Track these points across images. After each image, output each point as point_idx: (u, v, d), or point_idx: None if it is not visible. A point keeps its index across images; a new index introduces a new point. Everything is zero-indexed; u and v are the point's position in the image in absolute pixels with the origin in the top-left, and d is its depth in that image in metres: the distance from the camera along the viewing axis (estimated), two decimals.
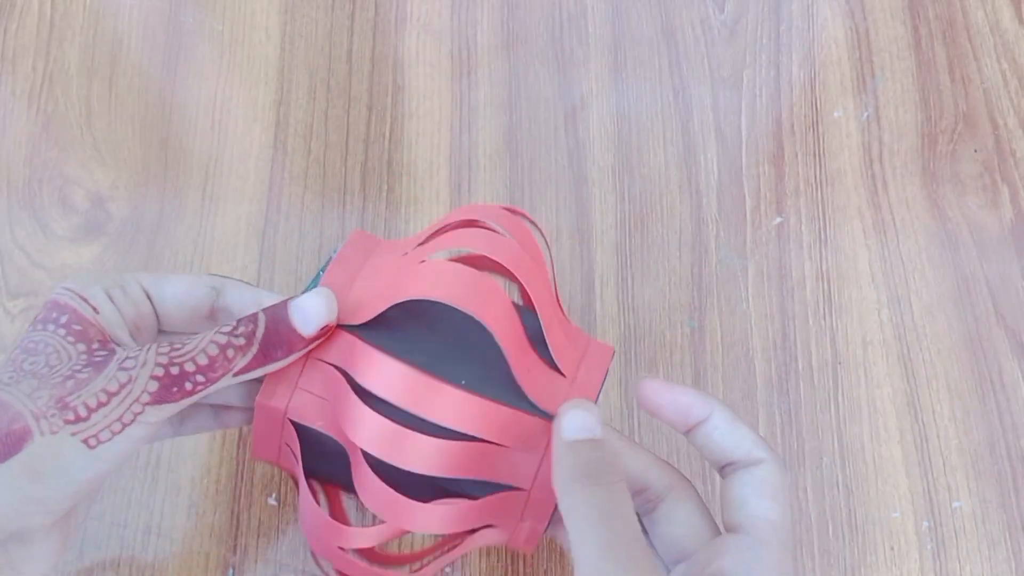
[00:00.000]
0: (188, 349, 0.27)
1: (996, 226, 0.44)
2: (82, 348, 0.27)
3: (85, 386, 0.25)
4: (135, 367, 0.26)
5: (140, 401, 0.26)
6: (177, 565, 0.37)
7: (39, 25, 0.46)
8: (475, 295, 0.28)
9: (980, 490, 0.40)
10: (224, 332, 0.27)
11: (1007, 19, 0.48)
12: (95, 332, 0.27)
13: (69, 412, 0.25)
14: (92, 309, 0.27)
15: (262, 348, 0.27)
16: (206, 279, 0.30)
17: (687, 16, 0.48)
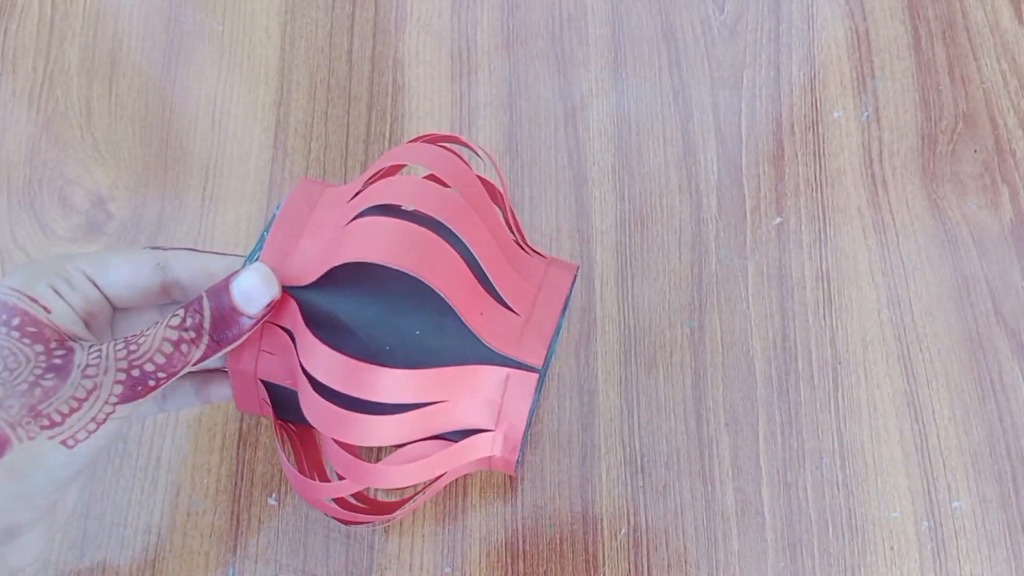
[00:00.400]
0: (144, 350, 0.27)
1: (996, 226, 0.44)
2: (39, 349, 0.26)
3: (54, 394, 0.26)
4: (97, 374, 0.27)
5: (109, 402, 0.27)
6: (177, 565, 0.37)
7: (39, 25, 0.46)
8: (411, 253, 0.28)
9: (980, 490, 0.40)
10: (174, 327, 0.27)
11: (1007, 19, 0.48)
12: (50, 332, 0.27)
13: (44, 419, 0.26)
14: (43, 310, 0.27)
15: (212, 336, 0.28)
16: (148, 256, 0.30)
17: (687, 16, 0.48)
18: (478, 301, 0.30)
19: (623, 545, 0.38)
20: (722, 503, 0.39)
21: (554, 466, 0.39)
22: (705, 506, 0.39)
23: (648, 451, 0.40)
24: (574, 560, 0.38)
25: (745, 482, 0.39)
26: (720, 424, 0.40)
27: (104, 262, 0.29)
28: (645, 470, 0.39)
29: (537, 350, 0.30)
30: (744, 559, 0.38)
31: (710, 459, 0.40)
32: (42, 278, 0.28)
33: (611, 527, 0.39)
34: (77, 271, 0.29)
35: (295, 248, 0.30)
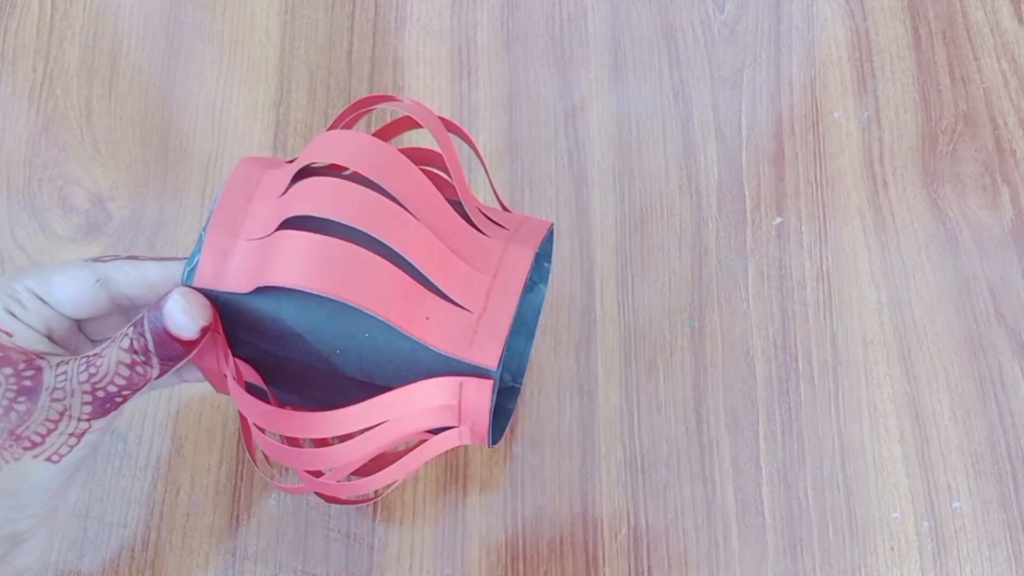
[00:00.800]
0: (103, 372, 0.28)
1: (996, 226, 0.44)
2: (8, 372, 0.27)
3: (29, 418, 0.27)
4: (65, 396, 0.27)
5: (83, 419, 0.28)
6: (177, 565, 0.37)
7: (39, 25, 0.46)
8: (330, 275, 0.27)
9: (980, 490, 0.40)
10: (124, 349, 0.28)
11: (1007, 19, 0.48)
12: (16, 355, 0.27)
13: (25, 441, 0.27)
14: (5, 335, 0.27)
15: (160, 357, 0.28)
16: (88, 272, 0.29)
17: (687, 16, 0.48)
18: (420, 306, 0.28)
19: (623, 545, 0.38)
20: (722, 503, 0.39)
21: (554, 467, 0.39)
22: (705, 506, 0.39)
23: (648, 452, 0.40)
24: (574, 560, 0.38)
25: (745, 482, 0.39)
26: (720, 424, 0.40)
27: (47, 280, 0.29)
28: (645, 471, 0.39)
29: (491, 350, 0.28)
30: (744, 559, 0.38)
31: (710, 459, 0.40)
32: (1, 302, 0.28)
33: (611, 527, 0.38)
34: (26, 291, 0.29)
35: (234, 248, 0.29)
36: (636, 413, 0.40)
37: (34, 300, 0.29)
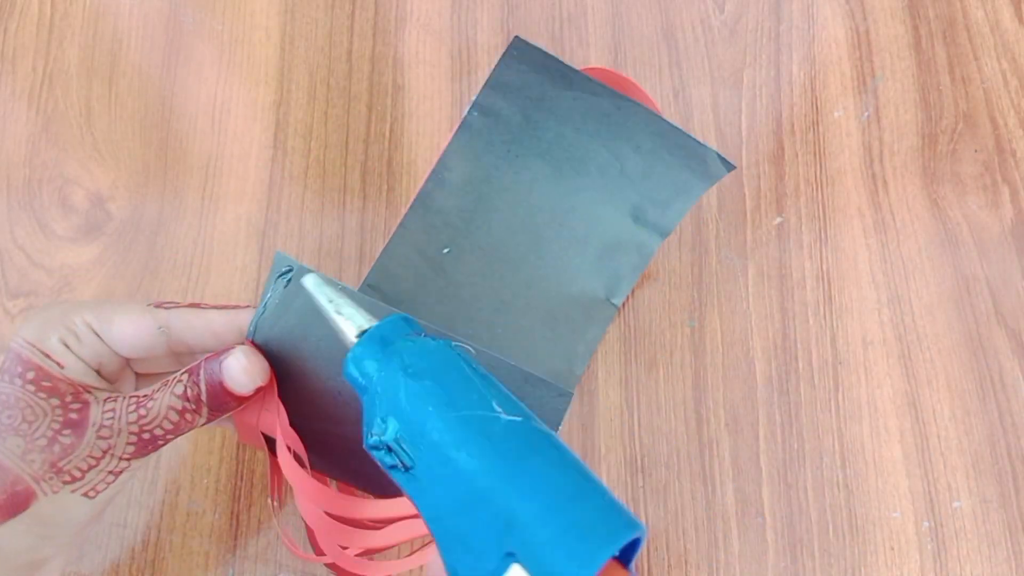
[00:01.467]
0: (153, 415, 0.28)
1: (996, 226, 0.44)
2: (55, 403, 0.27)
3: (72, 452, 0.27)
4: (111, 435, 0.28)
5: (123, 458, 0.28)
6: (177, 565, 0.37)
7: (39, 25, 0.46)
8: None
9: (980, 490, 0.40)
10: (177, 395, 0.28)
11: (1007, 19, 0.48)
12: (65, 386, 0.28)
13: (65, 475, 0.27)
14: (56, 365, 0.28)
15: (210, 408, 0.29)
16: (150, 318, 0.30)
17: (687, 16, 0.48)
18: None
19: None
20: (722, 503, 0.39)
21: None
22: (705, 506, 0.39)
23: (648, 451, 0.40)
24: None
25: (745, 482, 0.39)
26: (720, 424, 0.40)
27: (108, 318, 0.29)
28: (645, 470, 0.39)
29: None
30: (744, 559, 0.38)
31: (710, 459, 0.40)
32: (53, 332, 0.28)
33: None
34: (84, 325, 0.29)
35: None
36: (636, 413, 0.40)
37: (90, 335, 0.29)
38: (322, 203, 0.43)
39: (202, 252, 0.42)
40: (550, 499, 0.17)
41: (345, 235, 0.42)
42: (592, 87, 0.38)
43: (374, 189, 0.44)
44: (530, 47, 0.37)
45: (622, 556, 0.18)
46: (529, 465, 0.18)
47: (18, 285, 0.41)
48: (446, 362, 0.22)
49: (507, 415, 0.20)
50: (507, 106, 0.38)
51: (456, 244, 0.39)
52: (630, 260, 0.40)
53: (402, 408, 0.21)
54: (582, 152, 0.39)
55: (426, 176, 0.39)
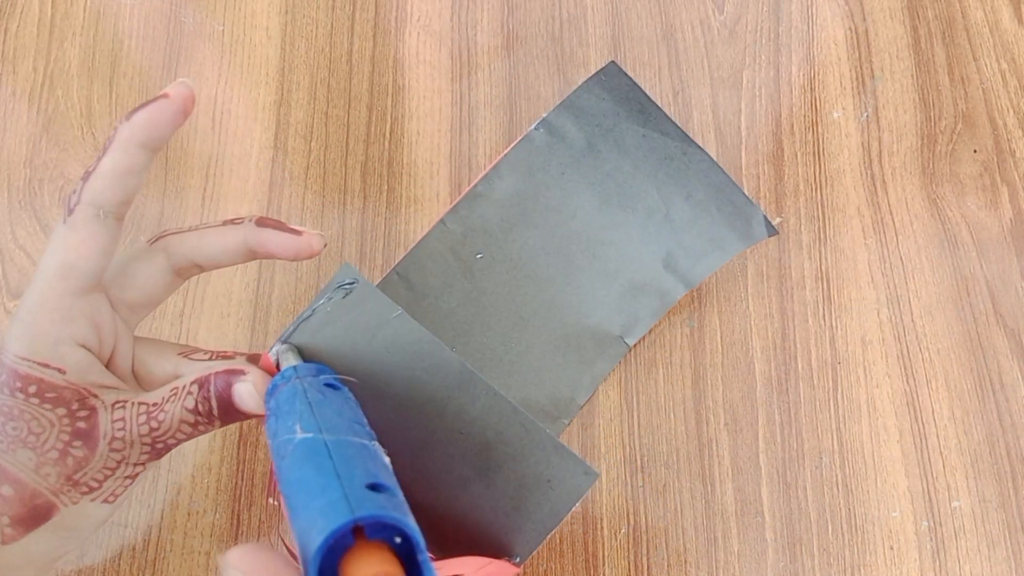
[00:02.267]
0: (166, 428, 0.28)
1: (996, 226, 0.44)
2: (62, 412, 0.27)
3: (86, 465, 0.27)
4: (124, 447, 0.28)
5: (138, 465, 0.28)
6: (177, 565, 0.37)
7: (39, 25, 0.46)
8: None
9: (979, 490, 0.40)
10: (189, 409, 0.28)
11: (1006, 19, 0.48)
12: (70, 393, 0.27)
13: (83, 487, 0.27)
14: (58, 372, 0.27)
15: (222, 420, 0.28)
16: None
17: (687, 16, 0.48)
18: None
19: (623, 545, 0.38)
20: (722, 503, 0.39)
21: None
22: (705, 506, 0.39)
23: (648, 451, 0.40)
24: (574, 560, 0.38)
25: (745, 482, 0.39)
26: (720, 424, 0.40)
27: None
28: (645, 470, 0.40)
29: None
30: (744, 559, 0.38)
31: (710, 459, 0.40)
32: (45, 339, 0.27)
33: (611, 527, 0.39)
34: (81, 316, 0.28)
35: None
36: (636, 412, 0.40)
37: (85, 325, 0.28)
38: (322, 203, 0.43)
39: None
40: (306, 496, 0.21)
41: (345, 235, 0.43)
42: (665, 127, 0.39)
43: (374, 189, 0.44)
44: (622, 74, 0.38)
45: (403, 547, 0.21)
46: (302, 471, 0.22)
47: (19, 285, 0.41)
48: (287, 398, 0.25)
49: (302, 432, 0.23)
50: (575, 130, 0.39)
51: (490, 252, 0.39)
52: (651, 304, 0.40)
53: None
54: (634, 190, 0.40)
55: (477, 178, 0.40)
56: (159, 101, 0.27)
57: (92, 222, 0.27)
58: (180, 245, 0.30)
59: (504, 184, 0.39)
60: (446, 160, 0.44)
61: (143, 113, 0.27)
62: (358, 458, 0.23)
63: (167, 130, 0.27)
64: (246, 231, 0.30)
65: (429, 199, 0.44)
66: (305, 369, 0.27)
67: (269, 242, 0.30)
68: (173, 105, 0.27)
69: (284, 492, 0.23)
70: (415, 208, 0.43)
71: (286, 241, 0.30)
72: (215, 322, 0.41)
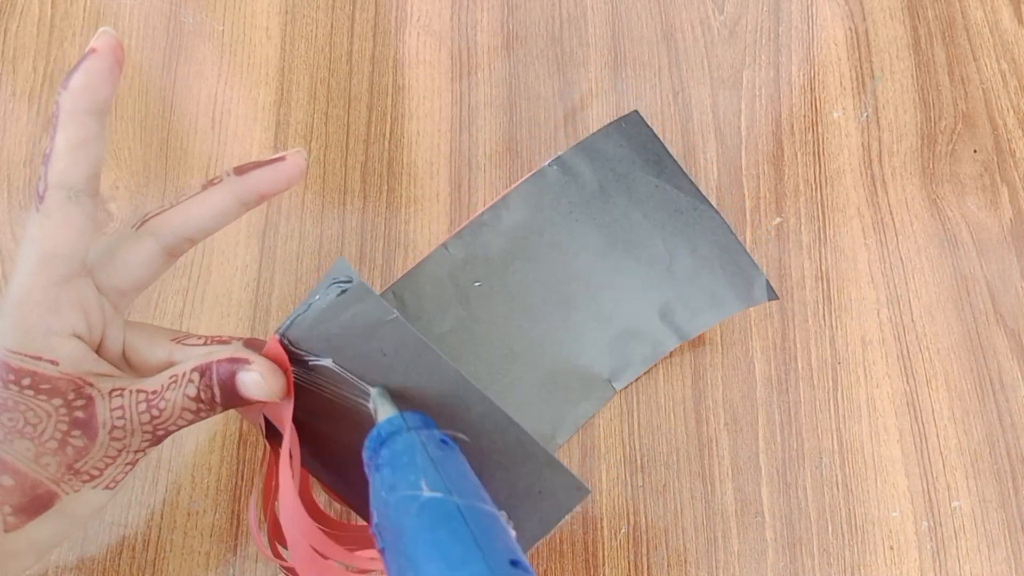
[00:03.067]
0: (167, 415, 0.27)
1: (996, 226, 0.44)
2: (58, 402, 0.26)
3: (86, 455, 0.27)
4: (125, 436, 0.27)
5: (140, 451, 0.28)
6: (177, 565, 0.37)
7: (39, 25, 0.46)
8: None
9: (979, 490, 0.40)
10: (191, 397, 0.27)
11: (1006, 19, 0.48)
12: (65, 384, 0.27)
13: (84, 475, 0.27)
14: (50, 364, 0.27)
15: (224, 406, 0.28)
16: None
17: (687, 16, 0.48)
18: None
19: (623, 544, 0.38)
20: (722, 503, 0.39)
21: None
22: (705, 506, 0.39)
23: (648, 451, 0.40)
24: (574, 560, 0.38)
25: (745, 482, 0.39)
26: (720, 424, 0.40)
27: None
28: (645, 470, 0.40)
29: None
30: (744, 558, 0.38)
31: (710, 459, 0.40)
32: (35, 331, 0.26)
33: (611, 527, 0.39)
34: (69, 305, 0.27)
35: None
36: (636, 412, 0.40)
37: (74, 313, 0.28)
38: (322, 203, 0.43)
39: (202, 252, 0.42)
40: (441, 563, 0.21)
41: (345, 235, 0.43)
42: (680, 181, 0.39)
43: (374, 189, 0.44)
44: (644, 125, 0.39)
45: None
46: (434, 534, 0.22)
47: None
48: (404, 449, 0.25)
49: (429, 491, 0.23)
50: (588, 171, 0.39)
51: (488, 281, 0.39)
52: (643, 351, 0.40)
53: (374, 497, 0.24)
54: (640, 237, 0.40)
55: (484, 207, 0.40)
56: (89, 58, 0.26)
57: (65, 205, 0.26)
58: (168, 224, 0.29)
59: (511, 216, 0.39)
60: (446, 160, 0.44)
61: (78, 77, 0.26)
62: (494, 529, 0.22)
63: (108, 88, 0.26)
64: (232, 185, 0.29)
65: (429, 199, 0.44)
66: (414, 419, 0.26)
67: (259, 183, 0.29)
68: (105, 59, 0.26)
69: (405, 551, 0.22)
70: (415, 208, 0.43)
71: (274, 174, 0.29)
72: (215, 322, 0.41)
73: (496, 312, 0.39)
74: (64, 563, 0.37)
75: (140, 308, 0.41)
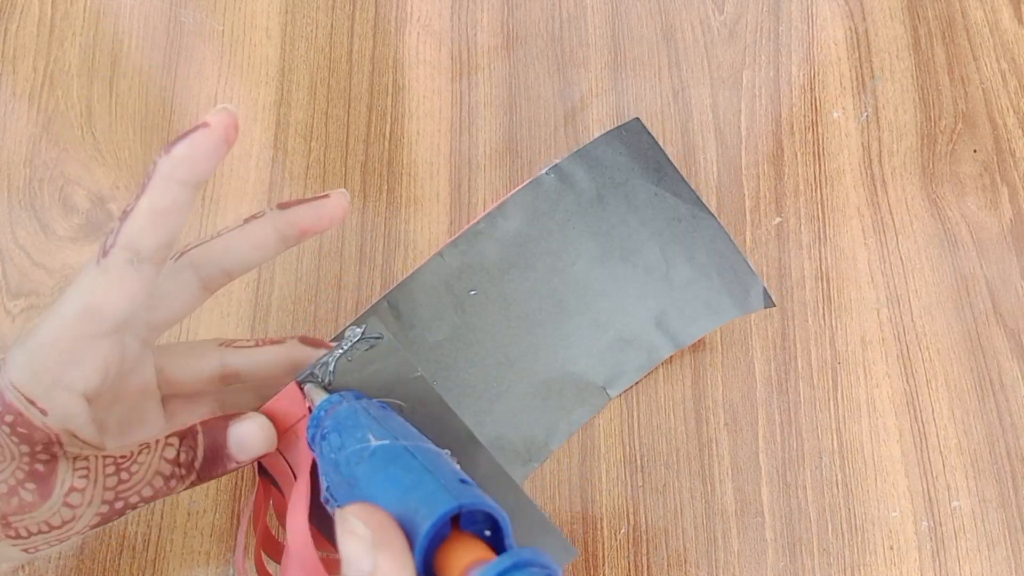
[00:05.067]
0: (135, 481, 0.26)
1: (995, 226, 0.44)
2: (25, 450, 0.25)
3: (30, 511, 0.25)
4: (80, 503, 0.26)
5: (79, 532, 0.26)
6: (177, 565, 0.37)
7: (39, 25, 0.46)
8: None
9: (979, 490, 0.40)
10: (168, 460, 0.27)
11: (1006, 19, 0.48)
12: (39, 435, 0.26)
13: (11, 530, 0.25)
14: (40, 412, 0.26)
15: (200, 474, 0.27)
16: (216, 360, 0.30)
17: (687, 16, 0.48)
18: None
19: (623, 544, 0.38)
20: (722, 503, 0.39)
21: (554, 466, 0.39)
22: (705, 506, 0.39)
23: (648, 451, 0.40)
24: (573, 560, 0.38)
25: (745, 482, 0.39)
26: (720, 424, 0.40)
27: (175, 363, 0.29)
28: (645, 469, 0.40)
29: None
30: (744, 558, 0.38)
31: (710, 459, 0.40)
32: (44, 377, 0.26)
33: (611, 526, 0.39)
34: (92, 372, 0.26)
35: None
36: (636, 412, 0.40)
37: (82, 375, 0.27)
38: None
39: None
40: (398, 491, 0.22)
41: (345, 235, 0.43)
42: (679, 188, 0.39)
43: (374, 189, 0.44)
44: (644, 132, 0.38)
45: (493, 537, 0.22)
46: (386, 471, 0.23)
47: (19, 285, 0.41)
48: (347, 414, 0.26)
49: (376, 440, 0.24)
50: (586, 179, 0.39)
51: (484, 290, 0.39)
52: (638, 359, 0.40)
53: (324, 464, 0.26)
54: (637, 245, 0.40)
55: (480, 215, 0.40)
56: (199, 131, 0.25)
57: (126, 267, 0.25)
58: (208, 256, 0.29)
59: (507, 224, 0.39)
60: (446, 160, 0.44)
61: (182, 147, 0.25)
62: (440, 459, 0.24)
63: (210, 164, 0.25)
64: (273, 220, 0.29)
65: (429, 199, 0.44)
66: (349, 395, 0.27)
67: (302, 220, 0.29)
68: (214, 135, 0.25)
69: (361, 495, 0.23)
70: (415, 208, 0.43)
71: (318, 211, 0.29)
72: (215, 322, 0.41)
73: (491, 321, 0.39)
74: (64, 563, 0.37)
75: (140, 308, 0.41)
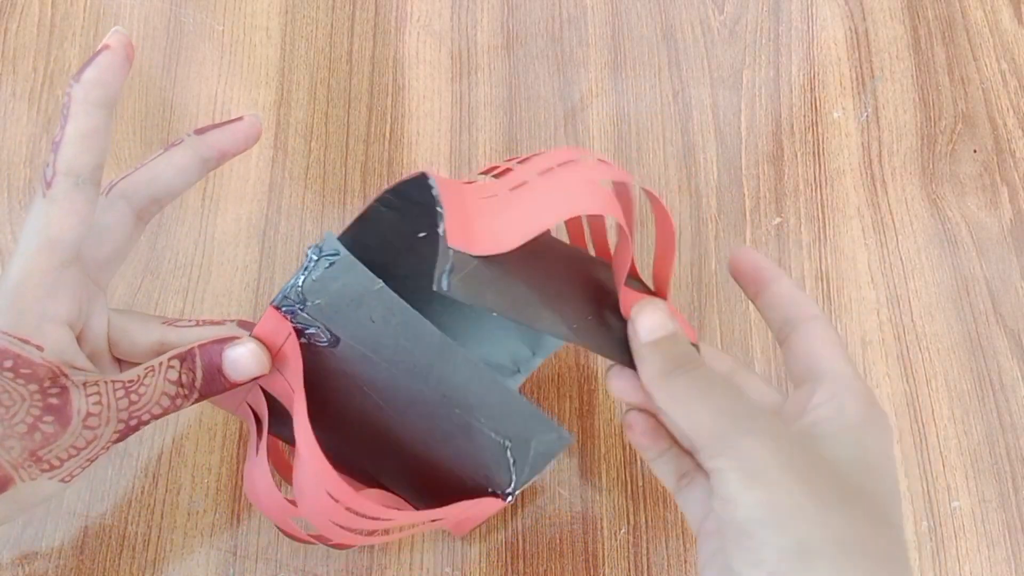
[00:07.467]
0: (144, 401, 0.28)
1: (995, 226, 0.44)
2: (34, 388, 0.27)
3: (54, 441, 0.27)
4: (99, 424, 0.27)
5: (104, 446, 0.28)
6: (177, 565, 0.37)
7: (40, 25, 0.46)
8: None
9: (979, 490, 0.40)
10: (172, 381, 0.28)
11: (1006, 19, 0.48)
12: (43, 371, 0.27)
13: (44, 464, 0.27)
14: (36, 349, 0.27)
15: (202, 392, 0.29)
16: (158, 335, 0.31)
17: (687, 16, 0.48)
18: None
19: (623, 545, 0.38)
20: None
21: (554, 466, 0.39)
22: None
23: None
24: (574, 560, 0.38)
25: None
26: None
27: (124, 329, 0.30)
28: (645, 470, 0.40)
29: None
30: None
31: None
32: (30, 315, 0.27)
33: (611, 527, 0.39)
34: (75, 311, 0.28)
35: (471, 222, 0.27)
36: None
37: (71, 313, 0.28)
38: (322, 203, 0.43)
39: (202, 252, 0.42)
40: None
41: None
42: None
43: (374, 189, 0.44)
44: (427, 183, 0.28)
45: None
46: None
47: None
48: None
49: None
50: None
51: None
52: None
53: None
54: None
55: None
56: (103, 54, 0.27)
57: (71, 192, 0.27)
58: (136, 186, 0.30)
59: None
60: (446, 160, 0.44)
61: (91, 71, 0.27)
62: None
63: (117, 83, 0.27)
64: (193, 144, 0.31)
65: None
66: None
67: (219, 142, 0.31)
68: (117, 55, 0.27)
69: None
70: None
71: (233, 134, 0.31)
72: None
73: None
74: (64, 563, 0.37)
75: (141, 308, 0.41)
